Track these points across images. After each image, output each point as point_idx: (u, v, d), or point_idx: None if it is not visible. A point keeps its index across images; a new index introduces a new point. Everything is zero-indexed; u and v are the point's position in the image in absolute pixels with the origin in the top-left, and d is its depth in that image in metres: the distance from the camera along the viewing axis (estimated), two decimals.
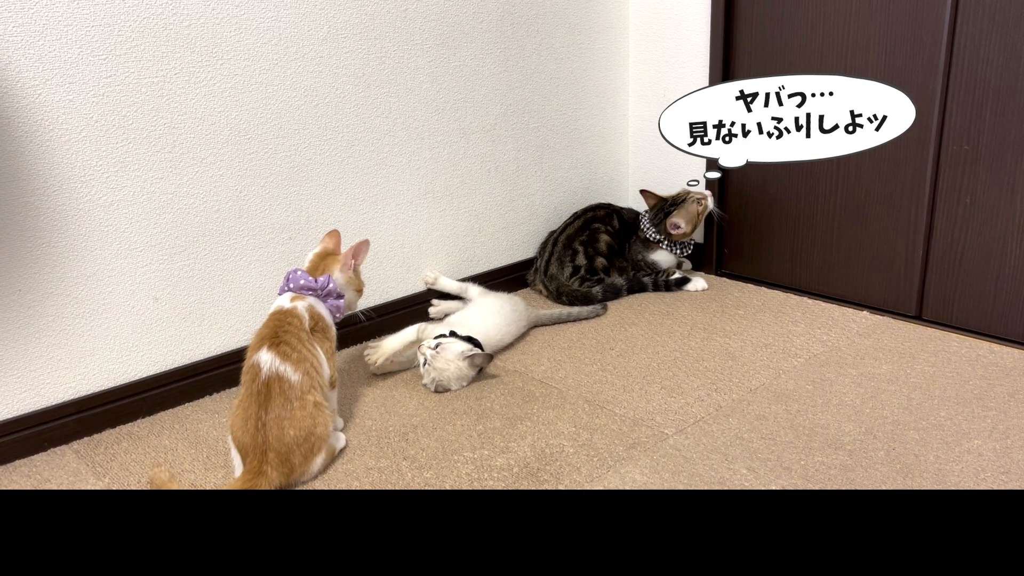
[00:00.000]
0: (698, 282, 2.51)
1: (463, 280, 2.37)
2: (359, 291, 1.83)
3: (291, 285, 1.71)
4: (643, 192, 2.51)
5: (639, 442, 1.69)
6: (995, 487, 1.49)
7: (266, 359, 1.57)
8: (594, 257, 2.49)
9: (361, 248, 1.78)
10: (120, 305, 1.81)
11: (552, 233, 2.55)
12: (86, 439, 1.79)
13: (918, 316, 2.23)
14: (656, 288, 2.50)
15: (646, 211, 2.52)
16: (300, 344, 1.61)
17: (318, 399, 1.59)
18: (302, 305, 1.68)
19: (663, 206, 2.47)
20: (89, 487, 1.61)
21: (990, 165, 2.02)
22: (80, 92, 1.66)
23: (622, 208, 2.61)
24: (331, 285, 1.73)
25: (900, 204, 2.19)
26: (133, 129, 1.74)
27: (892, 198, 2.20)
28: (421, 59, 2.17)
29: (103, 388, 1.82)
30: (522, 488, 1.55)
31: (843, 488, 1.50)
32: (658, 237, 2.48)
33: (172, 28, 1.75)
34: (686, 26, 2.52)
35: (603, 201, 2.65)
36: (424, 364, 1.90)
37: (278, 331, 1.62)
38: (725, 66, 2.44)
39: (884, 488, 1.50)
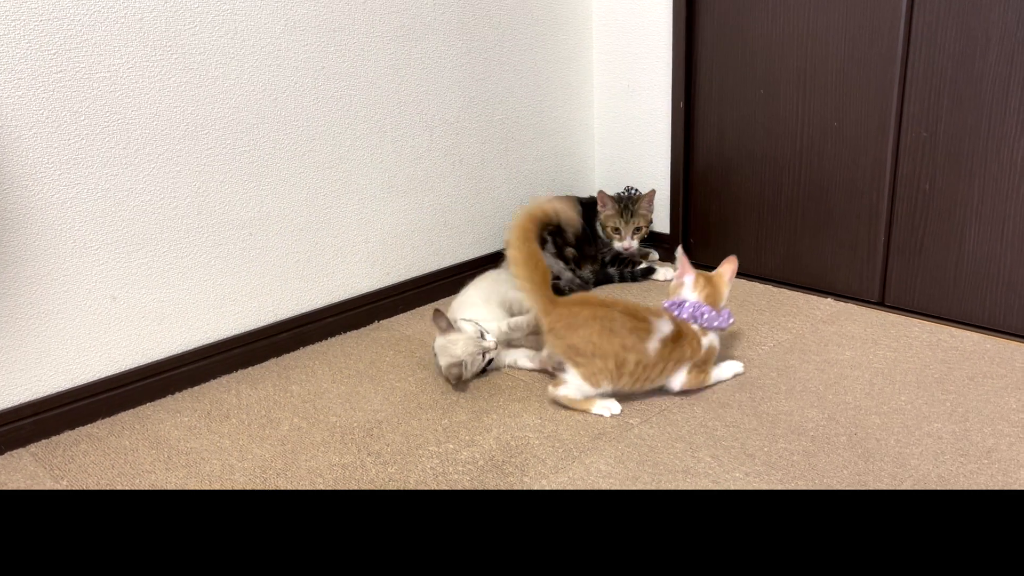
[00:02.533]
0: (665, 272, 2.52)
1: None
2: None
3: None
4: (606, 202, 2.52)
5: (604, 432, 1.69)
6: (953, 469, 1.51)
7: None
8: (563, 247, 2.48)
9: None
10: (76, 304, 1.77)
11: None
12: (43, 441, 1.75)
13: (880, 302, 2.25)
14: (623, 279, 2.50)
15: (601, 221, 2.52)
16: None
17: None
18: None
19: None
20: (47, 490, 1.58)
21: (948, 151, 2.04)
22: (29, 87, 1.63)
23: (583, 198, 2.62)
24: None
25: (862, 191, 2.21)
26: (85, 125, 1.71)
27: (854, 186, 2.22)
28: (382, 52, 2.15)
29: (60, 389, 1.79)
30: (487, 480, 1.54)
31: (805, 473, 1.51)
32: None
33: (124, 21, 1.72)
34: (648, 17, 2.52)
35: (567, 194, 2.65)
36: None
37: None
38: (688, 57, 2.45)
39: (845, 471, 1.51)
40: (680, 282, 1.83)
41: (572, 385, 1.75)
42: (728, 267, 1.86)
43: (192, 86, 1.84)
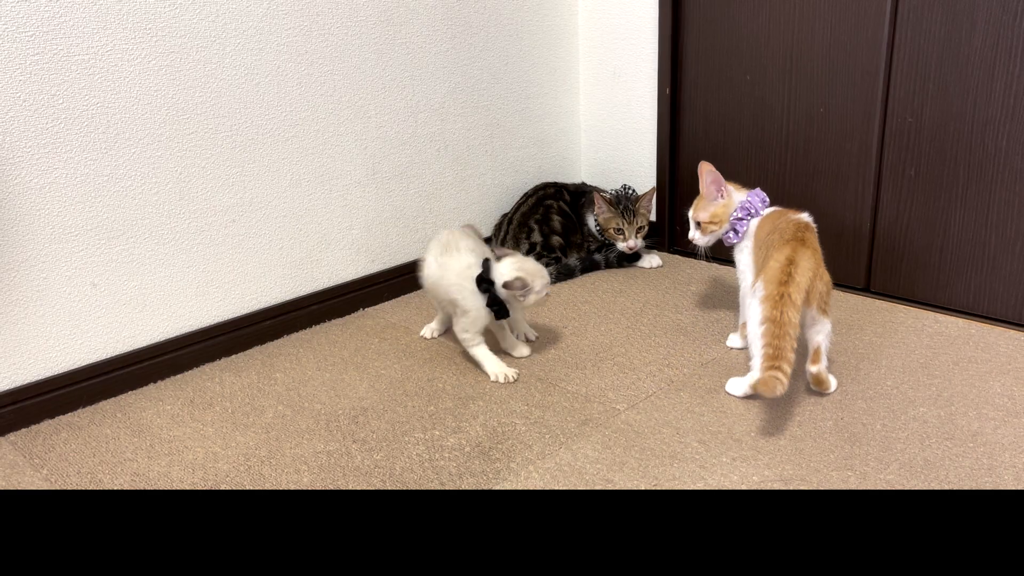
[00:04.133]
0: (651, 259, 2.51)
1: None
2: None
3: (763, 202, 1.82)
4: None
5: (591, 418, 1.68)
6: (939, 452, 1.51)
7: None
8: (549, 235, 2.47)
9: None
10: (56, 292, 1.75)
11: (505, 215, 2.53)
12: (23, 430, 1.73)
13: (866, 288, 2.26)
14: (609, 265, 2.50)
15: (596, 215, 2.49)
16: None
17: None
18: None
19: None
20: (27, 479, 1.55)
21: (933, 137, 2.04)
22: (5, 71, 1.60)
23: (568, 184, 2.61)
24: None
25: (847, 178, 2.21)
26: (64, 108, 1.68)
27: (840, 172, 2.22)
28: (366, 36, 2.13)
29: (41, 377, 1.76)
30: (474, 466, 1.53)
31: (792, 457, 1.51)
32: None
33: (102, 2, 1.69)
34: (635, 3, 2.50)
35: (553, 180, 2.64)
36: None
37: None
38: (674, 44, 2.44)
39: (832, 455, 1.51)
40: (725, 192, 1.83)
41: (826, 341, 1.69)
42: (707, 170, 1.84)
43: (173, 70, 1.81)
